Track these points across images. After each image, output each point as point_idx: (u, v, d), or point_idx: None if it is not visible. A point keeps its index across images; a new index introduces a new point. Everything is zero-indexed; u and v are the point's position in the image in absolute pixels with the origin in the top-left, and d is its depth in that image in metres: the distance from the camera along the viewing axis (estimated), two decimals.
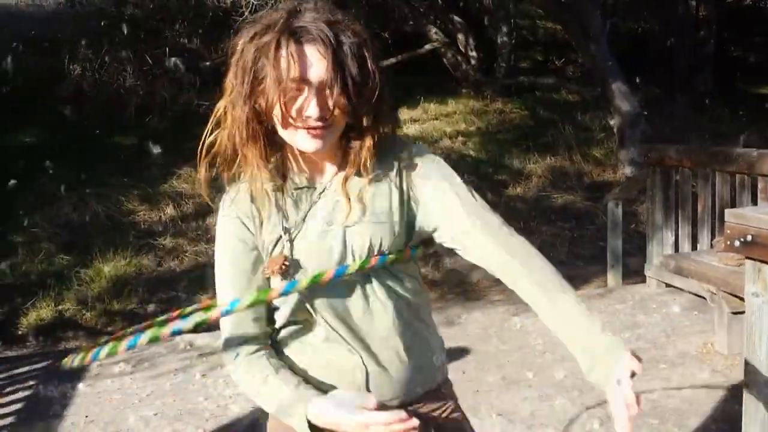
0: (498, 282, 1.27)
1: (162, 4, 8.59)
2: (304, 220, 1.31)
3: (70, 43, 8.26)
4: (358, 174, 1.30)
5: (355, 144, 1.29)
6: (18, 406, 3.64)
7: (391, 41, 8.95)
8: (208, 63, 8.27)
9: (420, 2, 10.49)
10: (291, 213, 1.32)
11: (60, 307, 5.45)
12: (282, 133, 1.26)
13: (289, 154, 1.32)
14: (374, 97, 1.26)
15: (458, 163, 7.80)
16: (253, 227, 1.32)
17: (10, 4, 10.49)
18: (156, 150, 7.54)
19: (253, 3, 7.40)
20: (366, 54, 1.24)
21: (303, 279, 1.25)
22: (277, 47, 1.19)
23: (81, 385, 3.83)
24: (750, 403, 2.28)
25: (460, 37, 10.72)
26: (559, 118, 9.31)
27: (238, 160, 1.29)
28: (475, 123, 9.50)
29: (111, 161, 7.49)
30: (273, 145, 1.30)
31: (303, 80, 1.20)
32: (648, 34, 12.63)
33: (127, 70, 8.29)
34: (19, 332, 5.17)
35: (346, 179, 1.30)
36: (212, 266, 1.39)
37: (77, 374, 3.97)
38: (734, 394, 3.14)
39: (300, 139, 1.24)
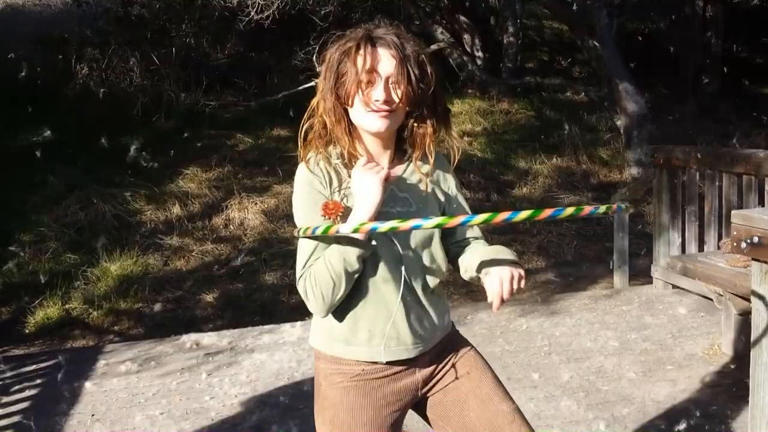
0: None
1: (168, 3, 8.61)
2: None
3: (77, 42, 8.28)
4: (425, 158, 1.70)
5: (419, 131, 1.67)
6: (25, 404, 3.65)
7: None
8: (214, 63, 8.28)
9: (426, 2, 10.49)
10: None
11: (67, 306, 5.47)
12: (355, 116, 1.63)
13: (357, 140, 1.67)
14: (432, 92, 1.64)
15: (464, 164, 7.79)
16: (327, 187, 1.64)
17: (17, 4, 10.54)
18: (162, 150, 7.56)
19: (259, 3, 7.41)
20: (425, 60, 1.64)
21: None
22: (357, 49, 1.59)
23: (88, 384, 3.84)
24: (757, 406, 2.27)
25: (466, 37, 10.71)
26: (566, 119, 9.30)
27: (328, 137, 1.66)
28: (481, 123, 9.50)
29: (117, 160, 7.51)
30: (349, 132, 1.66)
31: (375, 72, 1.58)
32: (655, 34, 12.60)
33: (134, 70, 8.32)
34: (26, 331, 5.19)
35: (416, 159, 1.69)
36: (218, 265, 1.41)
37: (84, 373, 3.99)
38: (741, 396, 3.13)
39: (369, 120, 1.61)
